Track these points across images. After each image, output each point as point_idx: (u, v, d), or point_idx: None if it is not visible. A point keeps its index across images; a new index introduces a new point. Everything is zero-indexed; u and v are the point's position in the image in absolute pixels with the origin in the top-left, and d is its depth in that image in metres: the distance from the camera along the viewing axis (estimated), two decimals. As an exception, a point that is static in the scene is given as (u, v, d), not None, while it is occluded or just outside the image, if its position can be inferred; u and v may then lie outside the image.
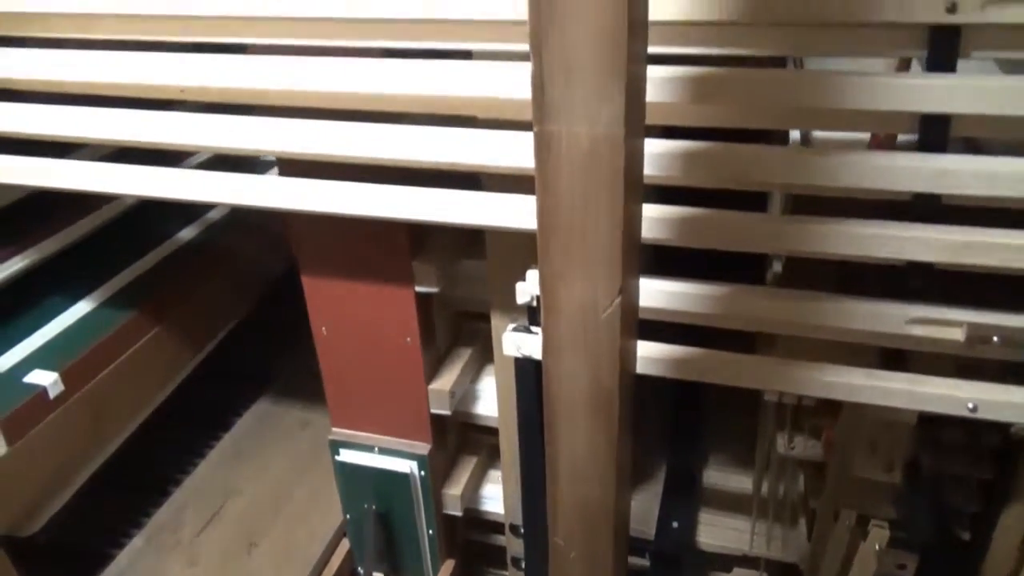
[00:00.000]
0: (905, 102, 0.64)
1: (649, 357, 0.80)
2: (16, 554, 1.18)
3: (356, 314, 1.10)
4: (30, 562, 1.21)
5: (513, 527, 1.24)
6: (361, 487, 1.24)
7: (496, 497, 1.27)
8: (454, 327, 1.21)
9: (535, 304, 0.89)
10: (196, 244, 1.54)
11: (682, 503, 1.26)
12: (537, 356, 0.89)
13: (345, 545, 1.35)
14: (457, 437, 1.29)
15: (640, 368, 0.78)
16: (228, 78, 0.82)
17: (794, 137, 0.81)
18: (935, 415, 0.78)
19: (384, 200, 0.84)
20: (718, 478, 1.30)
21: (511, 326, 0.92)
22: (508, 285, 0.90)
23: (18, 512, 1.19)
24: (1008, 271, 0.68)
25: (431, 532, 1.25)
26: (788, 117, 0.72)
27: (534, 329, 0.90)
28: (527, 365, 0.93)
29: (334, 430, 1.23)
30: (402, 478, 1.20)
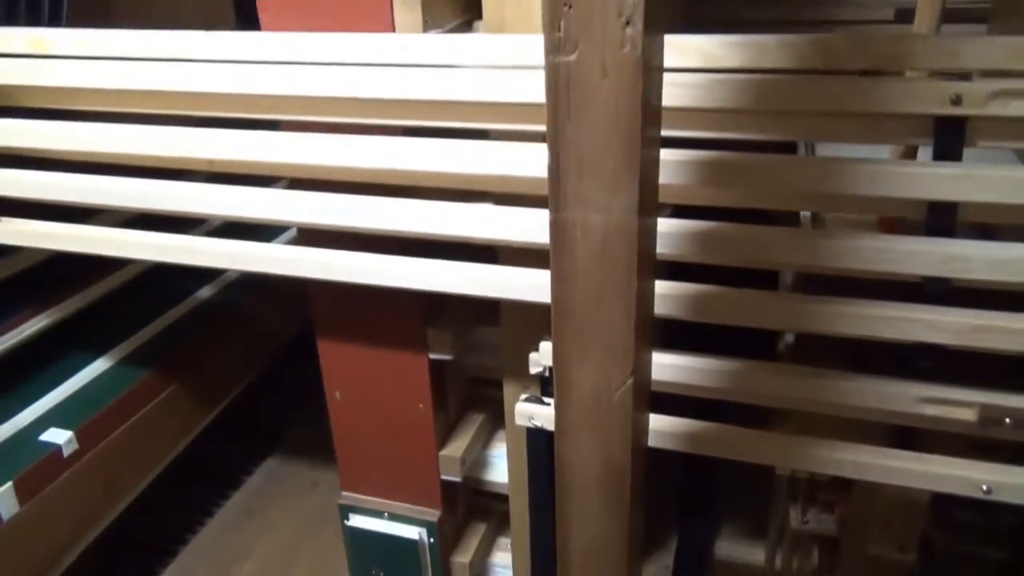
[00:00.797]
0: (911, 189, 0.66)
1: (661, 431, 0.81)
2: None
3: (370, 380, 1.11)
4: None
5: (522, 596, 1.22)
6: (370, 552, 1.23)
7: (506, 565, 1.26)
8: (466, 393, 1.22)
9: (548, 375, 0.89)
10: (212, 304, 1.56)
11: (694, 576, 1.24)
12: (549, 427, 0.89)
13: (353, 611, 1.33)
14: (467, 504, 1.28)
15: (652, 442, 0.79)
16: (256, 152, 0.85)
17: (805, 216, 0.83)
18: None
19: (401, 271, 0.86)
20: (730, 550, 1.29)
21: (523, 396, 0.92)
22: (521, 353, 0.91)
23: (28, 571, 1.18)
24: (1020, 354, 0.68)
25: (439, 599, 1.24)
26: (799, 200, 0.73)
27: (546, 400, 0.91)
28: (539, 436, 0.93)
29: (344, 494, 1.23)
30: (411, 544, 1.19)
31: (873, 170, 0.66)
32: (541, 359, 0.89)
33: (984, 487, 0.73)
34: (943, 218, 0.69)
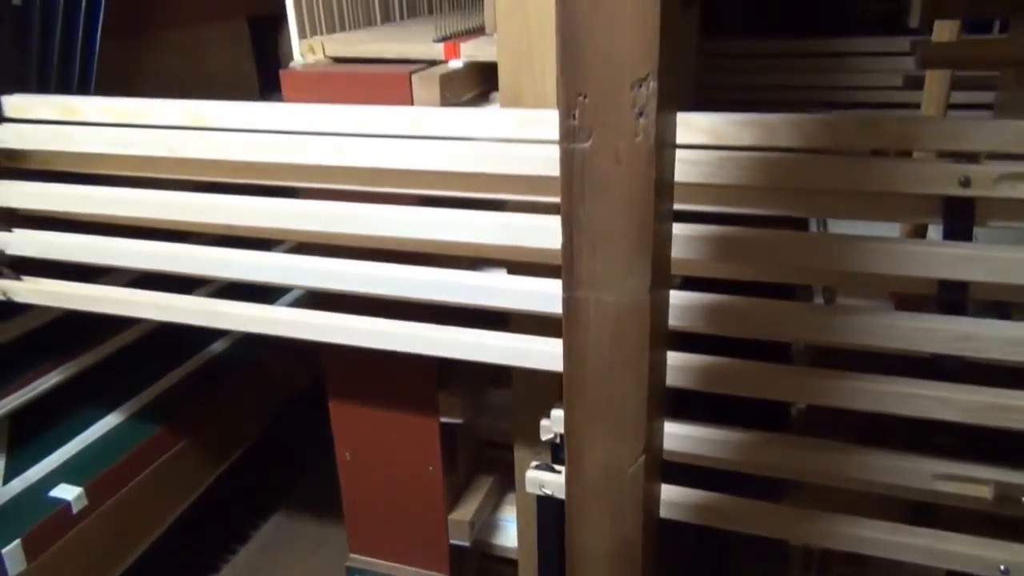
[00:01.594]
0: (920, 268, 0.66)
1: (673, 502, 0.80)
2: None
3: (380, 441, 1.11)
4: None
5: (530, 665, 1.20)
6: (376, 616, 1.21)
7: (514, 631, 1.23)
8: (476, 454, 1.21)
9: (559, 441, 0.89)
10: (222, 358, 1.57)
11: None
12: (560, 496, 0.88)
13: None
14: (476, 568, 1.27)
15: (664, 513, 0.78)
16: (275, 220, 0.87)
17: (817, 288, 0.83)
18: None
19: (412, 336, 0.87)
20: (743, 621, 1.26)
21: (534, 463, 0.92)
22: (532, 418, 0.91)
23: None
24: (1035, 432, 0.68)
25: (446, 666, 1.21)
26: (810, 275, 0.74)
27: (557, 468, 0.90)
28: (549, 504, 0.92)
29: (351, 556, 1.22)
30: (418, 609, 1.17)
31: (883, 248, 0.66)
32: (553, 426, 0.89)
33: (1002, 567, 0.72)
34: (954, 295, 0.69)
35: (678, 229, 0.71)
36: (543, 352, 0.82)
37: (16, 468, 1.21)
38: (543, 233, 0.77)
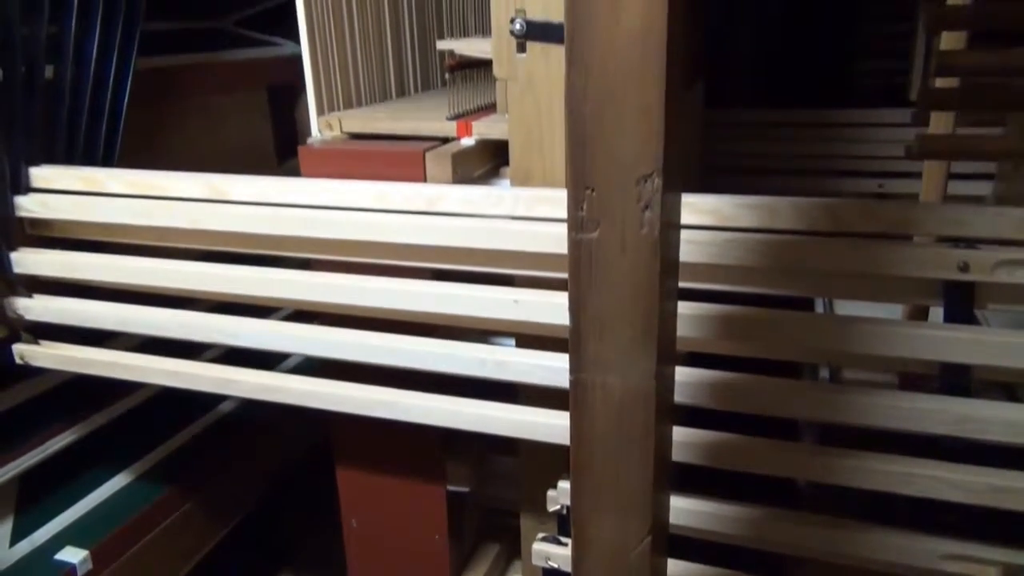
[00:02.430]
0: (921, 351, 0.67)
1: (679, 577, 0.80)
2: None
3: (387, 509, 1.11)
4: None
5: None
6: None
7: None
8: (482, 522, 1.21)
9: (565, 513, 0.90)
10: (228, 418, 1.57)
11: None
12: (566, 568, 0.88)
13: None
14: (480, 638, 1.25)
15: (669, 589, 0.78)
16: (291, 290, 0.89)
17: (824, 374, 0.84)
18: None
19: (419, 406, 0.88)
20: None
21: (540, 535, 0.92)
22: (539, 487, 0.92)
23: None
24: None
25: None
26: (815, 354, 0.75)
27: (563, 540, 0.90)
28: (555, 577, 0.92)
29: (356, 624, 1.21)
30: None
31: (883, 331, 0.68)
32: (559, 497, 0.89)
33: (1011, 651, 0.71)
34: (957, 376, 0.70)
35: (684, 308, 0.73)
36: (550, 425, 0.83)
37: (23, 530, 1.21)
38: (552, 309, 0.79)
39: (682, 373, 0.74)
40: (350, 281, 0.86)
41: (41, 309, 1.02)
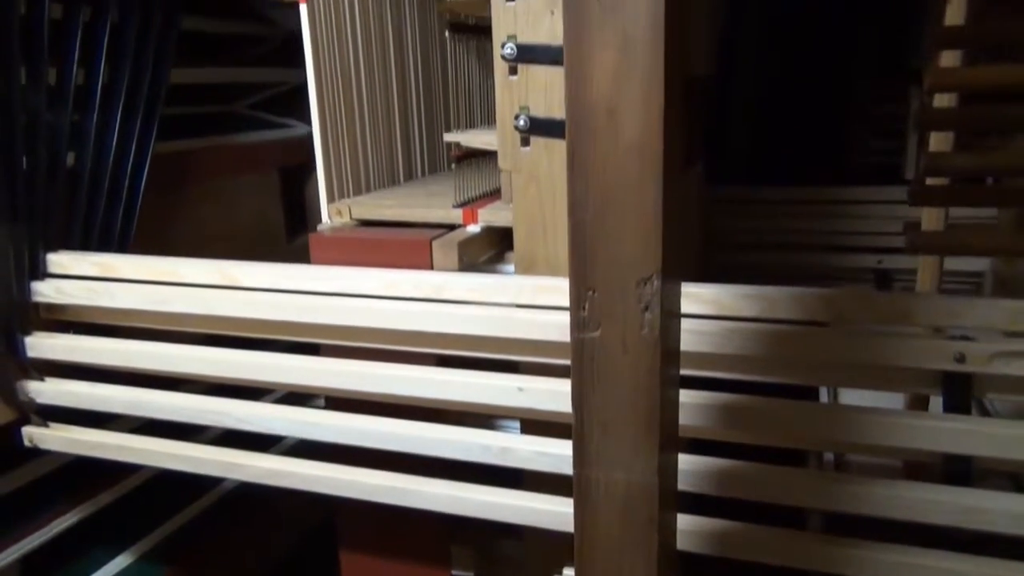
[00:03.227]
0: (921, 441, 0.68)
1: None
2: None
3: (391, 594, 1.10)
4: None
5: None
6: None
7: None
8: (488, 606, 1.19)
9: (571, 601, 0.89)
10: (234, 495, 1.56)
11: None
12: (572, 659, 0.87)
13: None
14: None
15: None
16: (300, 376, 0.90)
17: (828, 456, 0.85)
18: None
19: (424, 493, 0.88)
20: None
21: (546, 624, 0.91)
22: (544, 573, 0.91)
23: None
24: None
25: None
26: (818, 443, 0.76)
27: (569, 628, 0.89)
28: (562, 667, 0.90)
29: None
30: None
31: (884, 421, 0.69)
32: (565, 586, 0.88)
33: None
34: (959, 465, 0.70)
35: (687, 396, 0.74)
36: (556, 513, 0.83)
37: (24, 614, 1.20)
38: (556, 397, 0.80)
39: (686, 461, 0.75)
40: (358, 368, 0.88)
41: (53, 393, 1.03)
